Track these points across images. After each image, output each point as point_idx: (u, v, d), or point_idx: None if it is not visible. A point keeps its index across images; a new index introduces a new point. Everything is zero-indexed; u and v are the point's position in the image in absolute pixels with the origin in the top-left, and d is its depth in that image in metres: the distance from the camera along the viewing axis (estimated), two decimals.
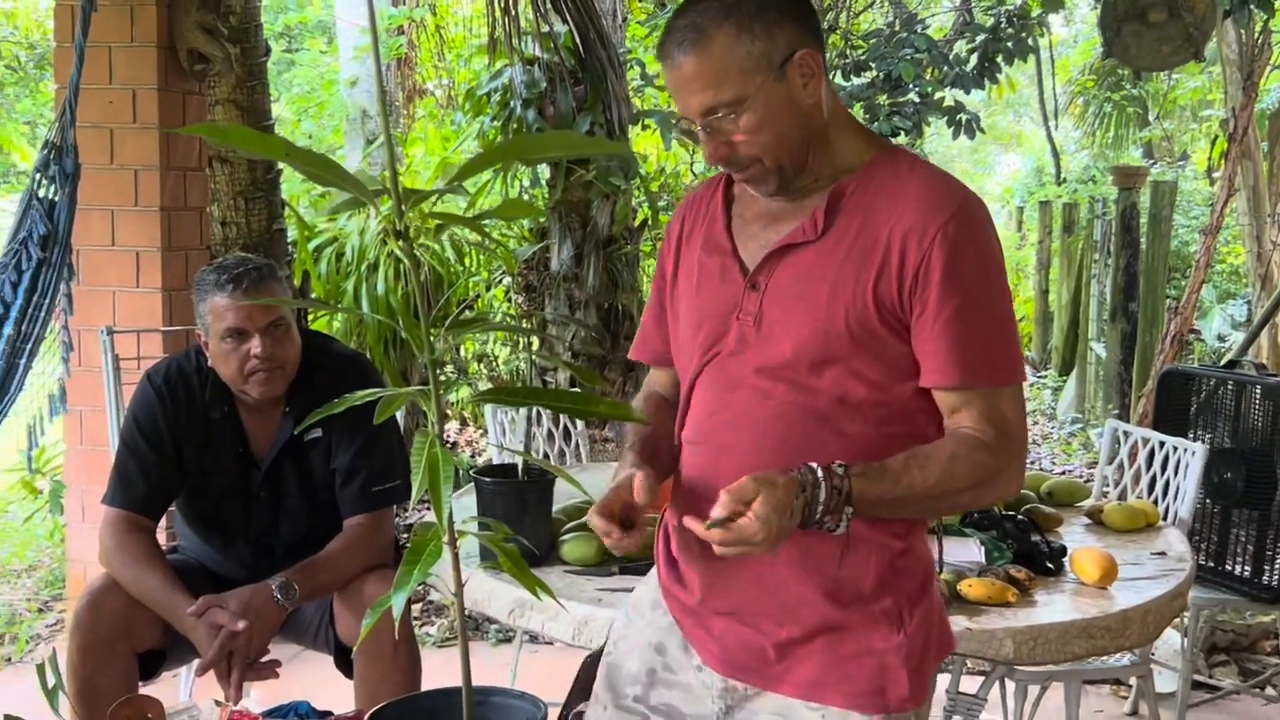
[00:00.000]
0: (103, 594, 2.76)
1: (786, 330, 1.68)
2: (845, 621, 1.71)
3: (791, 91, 1.66)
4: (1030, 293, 13.61)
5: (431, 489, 1.13)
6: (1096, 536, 3.00)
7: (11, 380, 3.57)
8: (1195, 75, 11.51)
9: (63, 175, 3.80)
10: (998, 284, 1.69)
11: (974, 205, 1.68)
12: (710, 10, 1.64)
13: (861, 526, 1.67)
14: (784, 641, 1.72)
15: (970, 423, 1.67)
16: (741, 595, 1.74)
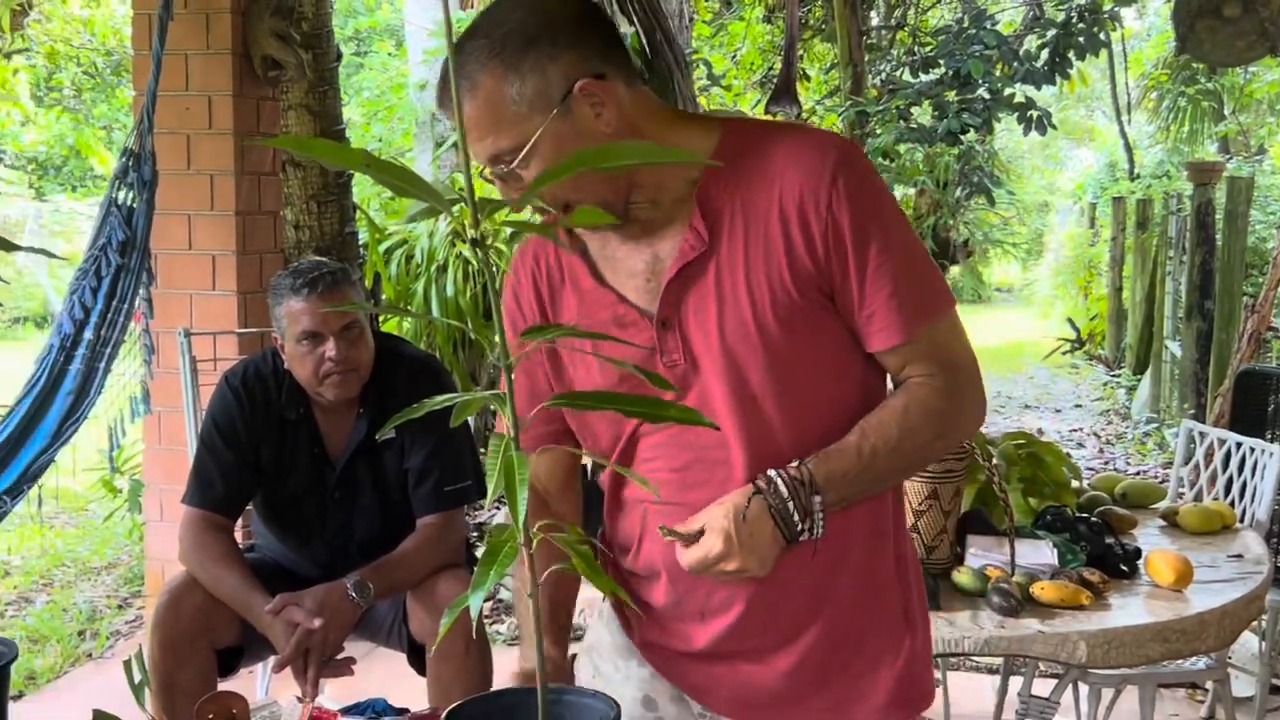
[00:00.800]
0: (182, 592, 2.82)
1: (718, 351, 1.55)
2: (857, 635, 1.65)
3: (581, 125, 1.50)
4: (1104, 290, 13.45)
5: (507, 492, 1.15)
6: (1171, 539, 2.96)
7: (92, 383, 3.66)
8: (1272, 68, 11.32)
9: (140, 182, 3.89)
10: (898, 218, 1.59)
11: (846, 148, 1.57)
12: (475, 51, 1.49)
13: (856, 533, 1.61)
14: (796, 668, 1.64)
15: (917, 371, 1.58)
16: (745, 632, 1.63)
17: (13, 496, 3.41)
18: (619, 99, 1.51)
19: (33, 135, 17.10)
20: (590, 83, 1.48)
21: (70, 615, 4.93)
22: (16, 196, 17.26)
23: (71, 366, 3.66)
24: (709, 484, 1.55)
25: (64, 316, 3.74)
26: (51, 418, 3.58)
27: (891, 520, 1.68)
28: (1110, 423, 10.08)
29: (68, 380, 3.65)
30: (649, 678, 1.71)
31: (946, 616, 2.38)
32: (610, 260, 1.63)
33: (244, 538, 3.54)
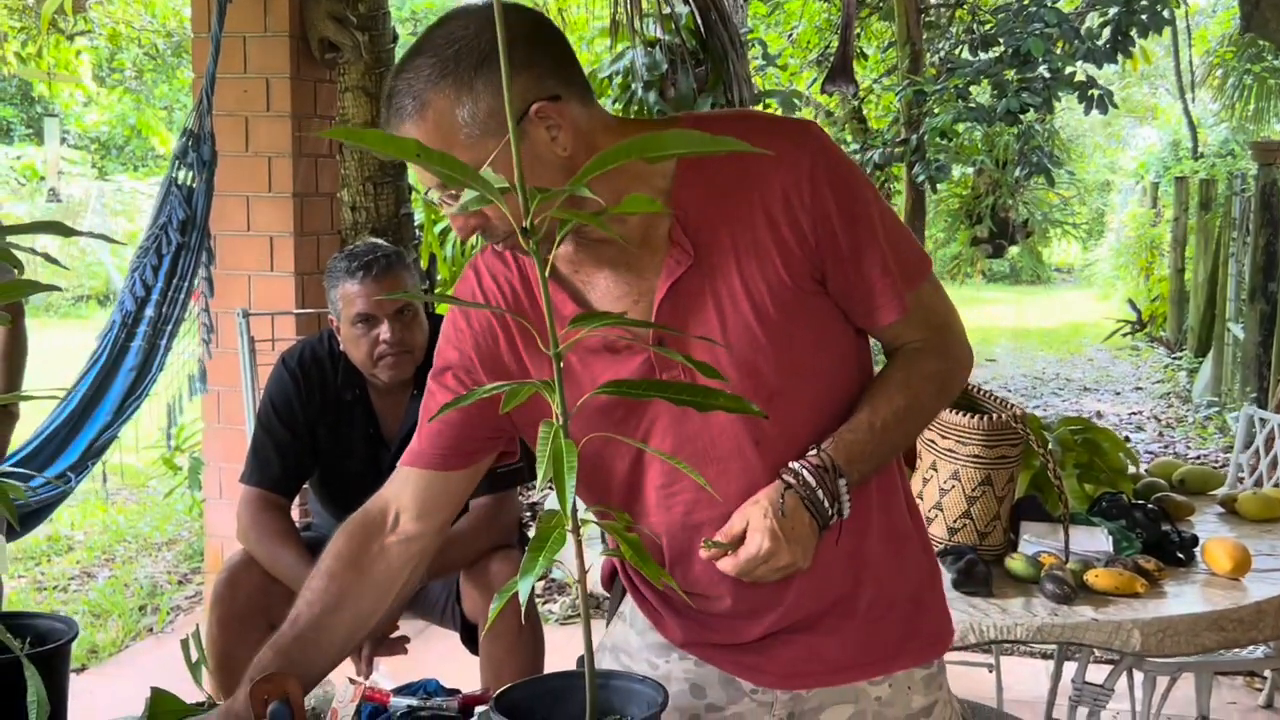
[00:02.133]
0: (240, 570, 2.86)
1: (727, 362, 1.51)
2: (896, 587, 1.68)
3: (537, 149, 1.44)
4: (1165, 271, 13.27)
5: (555, 480, 1.17)
6: (1230, 526, 2.92)
7: (153, 361, 3.72)
8: None
9: (200, 162, 3.94)
10: (872, 192, 1.60)
11: (812, 133, 1.55)
12: (425, 69, 1.42)
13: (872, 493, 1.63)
14: (848, 633, 1.65)
15: (910, 337, 1.63)
16: (795, 615, 1.63)
17: (76, 473, 3.47)
18: (574, 120, 1.46)
19: (95, 116, 17.37)
20: (546, 105, 1.42)
21: (131, 590, 5.03)
22: (80, 176, 17.53)
23: (133, 344, 3.72)
24: (739, 494, 1.54)
25: (125, 294, 3.80)
26: (114, 394, 3.64)
27: (896, 471, 1.70)
28: (1171, 406, 9.96)
29: (130, 357, 3.71)
30: (693, 667, 1.71)
31: (999, 603, 2.37)
32: (587, 285, 1.58)
33: (301, 516, 3.59)
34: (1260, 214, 7.68)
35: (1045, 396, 10.66)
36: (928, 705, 1.71)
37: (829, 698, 1.67)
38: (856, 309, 1.59)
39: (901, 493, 1.71)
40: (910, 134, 7.68)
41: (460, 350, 1.65)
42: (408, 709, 1.60)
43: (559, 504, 1.17)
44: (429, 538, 1.73)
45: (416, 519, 1.70)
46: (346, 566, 1.70)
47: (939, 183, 8.15)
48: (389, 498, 1.72)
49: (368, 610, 1.70)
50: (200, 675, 1.65)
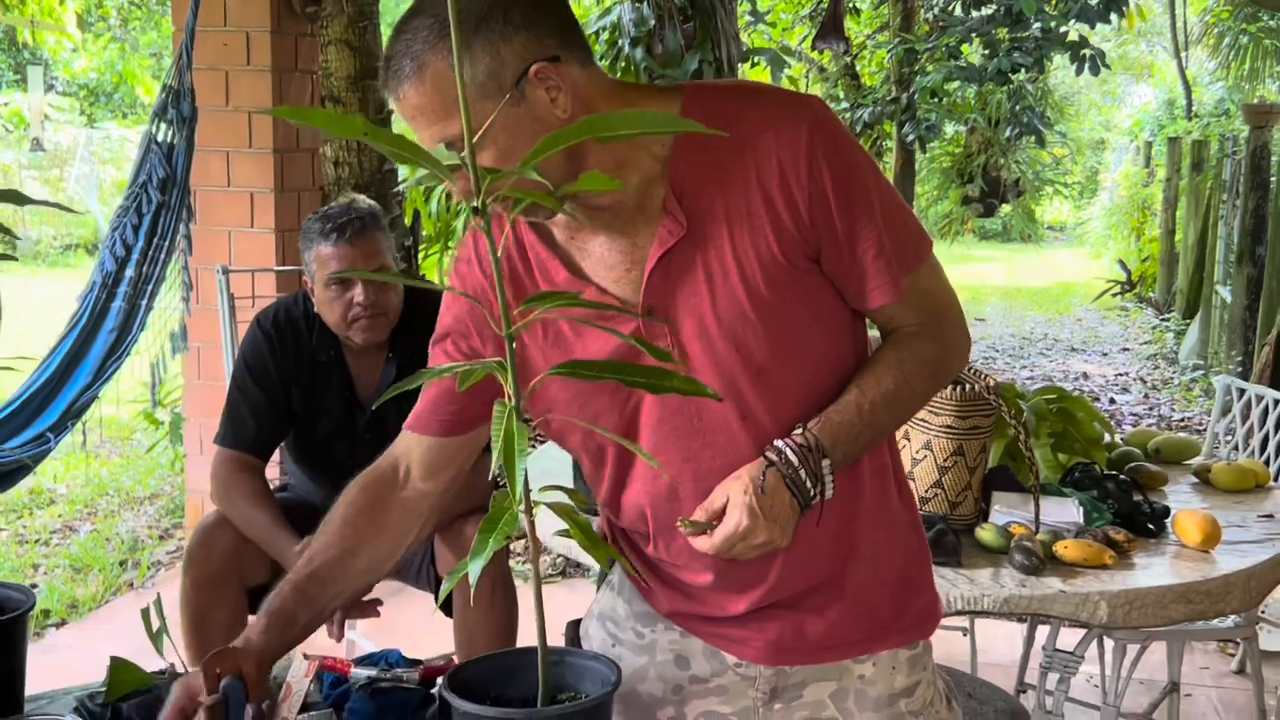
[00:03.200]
0: (214, 531, 2.86)
1: (716, 334, 1.52)
2: (885, 569, 1.68)
3: (537, 111, 1.43)
4: (1157, 231, 13.26)
5: (506, 463, 1.16)
6: (1203, 497, 2.93)
7: (134, 320, 3.71)
8: None
9: (180, 119, 3.91)
10: (873, 170, 1.56)
11: (815, 109, 1.52)
12: (423, 30, 1.41)
13: (864, 475, 1.62)
14: (834, 612, 1.65)
15: (906, 320, 1.60)
16: (782, 593, 1.63)
17: (56, 433, 3.47)
18: (574, 82, 1.45)
19: (83, 62, 17.22)
20: (546, 66, 1.42)
21: (113, 545, 5.03)
22: (67, 124, 17.40)
23: (114, 304, 3.70)
24: (723, 469, 1.53)
25: (105, 254, 3.78)
26: (94, 355, 3.63)
27: (888, 451, 1.69)
28: (1157, 368, 9.98)
29: (110, 318, 3.69)
30: (679, 638, 1.71)
31: (968, 573, 2.38)
32: (581, 251, 1.57)
33: (279, 474, 3.59)
34: (1250, 177, 7.67)
35: (1033, 357, 10.67)
36: (910, 685, 1.71)
37: (812, 674, 1.68)
38: (850, 290, 1.57)
39: (892, 474, 1.70)
40: (901, 93, 7.64)
41: (457, 317, 1.65)
42: (368, 679, 1.60)
43: (508, 486, 1.17)
44: (436, 496, 1.75)
45: (424, 478, 1.73)
46: (361, 514, 1.72)
47: (928, 143, 8.12)
48: (399, 454, 1.75)
49: (383, 557, 1.73)
50: (161, 644, 1.64)
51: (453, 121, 1.41)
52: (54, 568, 4.79)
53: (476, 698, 1.34)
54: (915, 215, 1.63)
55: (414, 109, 1.43)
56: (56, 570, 4.76)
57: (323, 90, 5.10)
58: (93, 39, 15.62)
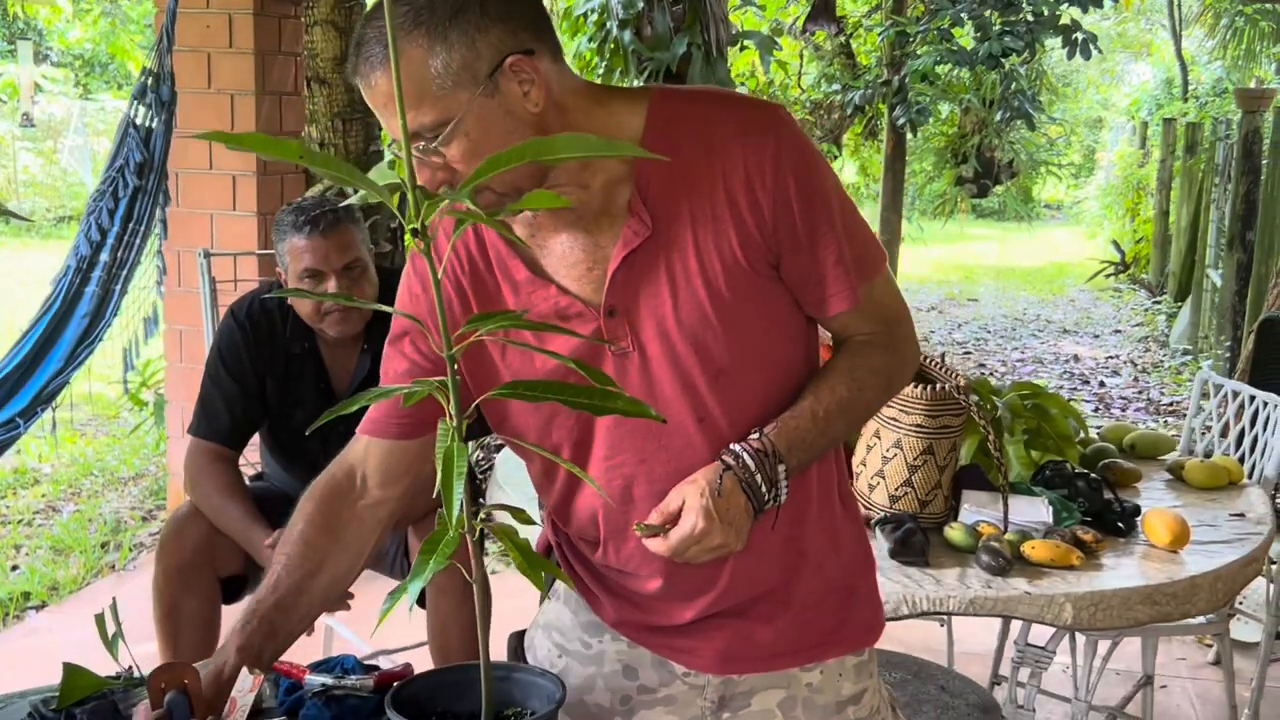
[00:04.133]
0: (187, 521, 2.87)
1: (676, 336, 1.51)
2: (831, 578, 1.68)
3: (509, 104, 1.42)
4: (1151, 212, 13.25)
5: (444, 486, 1.16)
6: (1176, 494, 2.93)
7: (108, 305, 3.69)
8: None
9: (159, 102, 3.89)
10: (833, 180, 1.57)
11: (780, 118, 1.52)
12: (397, 18, 1.37)
13: (811, 484, 1.63)
14: (781, 621, 1.65)
15: (860, 329, 1.63)
16: (729, 600, 1.62)
17: (26, 419, 3.46)
18: (547, 77, 1.44)
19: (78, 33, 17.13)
20: (521, 59, 1.40)
21: (95, 526, 5.03)
22: (61, 95, 17.33)
23: (88, 289, 3.69)
24: (679, 471, 1.53)
25: (80, 238, 3.76)
26: (66, 340, 3.62)
27: (834, 461, 1.70)
28: (1148, 350, 9.99)
29: (83, 303, 3.68)
30: (627, 649, 1.71)
31: (934, 574, 2.37)
32: (542, 249, 1.56)
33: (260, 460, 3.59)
34: (1242, 162, 7.65)
35: (1024, 338, 10.67)
36: (857, 693, 1.72)
37: (760, 683, 1.68)
38: (808, 297, 1.57)
39: (836, 483, 1.70)
40: (893, 75, 7.60)
41: (417, 315, 1.61)
42: (322, 686, 1.60)
43: (445, 509, 1.17)
44: (395, 502, 1.73)
45: (381, 485, 1.71)
46: (319, 532, 1.71)
47: (919, 126, 8.08)
48: (354, 462, 1.72)
49: (343, 572, 1.73)
50: (117, 650, 1.64)
51: (424, 111, 1.40)
52: (35, 549, 4.79)
53: (422, 714, 1.34)
54: (869, 228, 1.63)
55: (384, 97, 1.42)
56: (38, 551, 4.76)
57: (307, 72, 5.07)
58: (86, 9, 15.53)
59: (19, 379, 3.50)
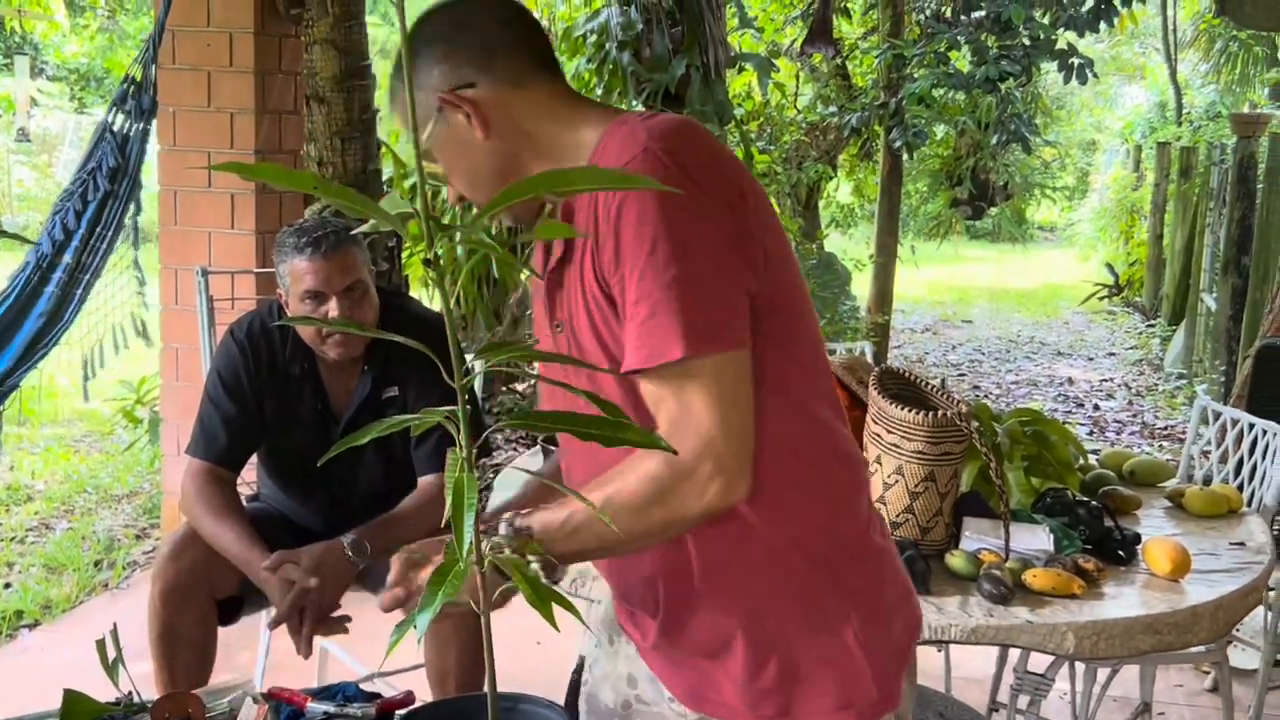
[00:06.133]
0: (184, 543, 2.85)
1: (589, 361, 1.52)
2: (785, 638, 1.57)
3: (458, 133, 1.55)
4: (1145, 236, 13.27)
5: (454, 516, 1.15)
6: (1176, 522, 2.93)
7: (67, 308, 3.61)
8: None
9: (138, 110, 3.86)
10: (685, 242, 1.41)
11: (654, 156, 1.42)
12: (398, 59, 1.58)
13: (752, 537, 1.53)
14: (740, 671, 1.57)
15: (653, 408, 1.45)
16: (676, 634, 1.59)
17: None
18: (491, 106, 1.55)
19: (74, 47, 17.14)
20: (450, 95, 1.54)
21: (89, 544, 5.00)
22: (57, 109, 17.32)
23: (46, 288, 3.60)
24: (588, 475, 1.52)
25: (44, 236, 3.68)
26: (20, 339, 3.51)
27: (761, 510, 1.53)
28: (1142, 374, 10.00)
29: (40, 301, 3.59)
30: (633, 655, 1.72)
31: (935, 602, 2.36)
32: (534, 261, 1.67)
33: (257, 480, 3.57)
34: (1236, 187, 7.67)
35: (1019, 360, 10.68)
36: None
37: None
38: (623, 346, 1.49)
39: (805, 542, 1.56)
40: (889, 98, 7.62)
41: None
42: (324, 715, 1.59)
43: (455, 539, 1.16)
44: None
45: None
46: None
47: (915, 149, 8.10)
48: None
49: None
50: (117, 675, 1.63)
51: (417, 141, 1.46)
52: (28, 566, 4.76)
53: None
54: (717, 310, 1.43)
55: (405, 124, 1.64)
56: (31, 569, 4.73)
57: (307, 90, 5.06)
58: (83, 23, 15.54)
59: None
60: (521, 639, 1.88)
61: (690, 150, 1.44)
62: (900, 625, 1.64)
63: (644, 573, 1.59)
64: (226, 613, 2.93)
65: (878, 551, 1.63)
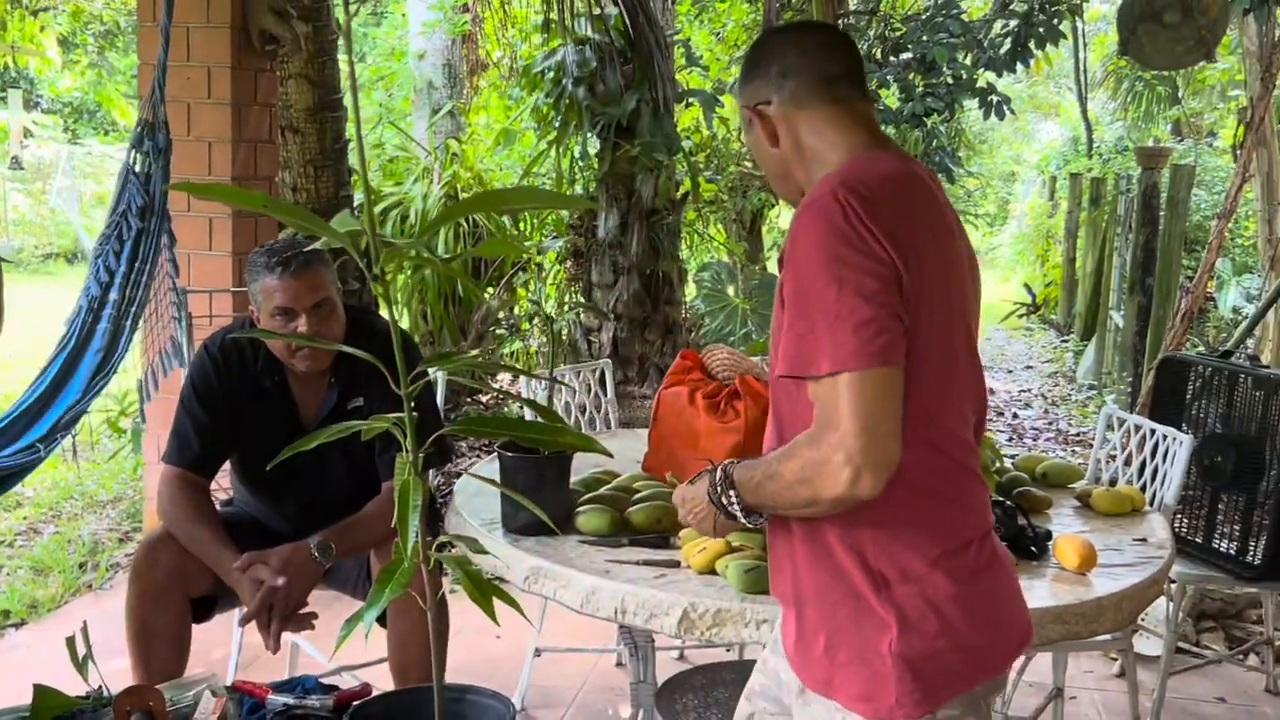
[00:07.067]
0: (159, 545, 2.80)
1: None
2: (822, 623, 1.69)
3: (758, 140, 1.82)
4: (1059, 259, 13.40)
5: (399, 516, 1.13)
6: (1084, 520, 2.94)
7: (120, 340, 3.65)
8: (1225, 57, 11.19)
9: (155, 149, 3.83)
10: (827, 272, 1.57)
11: (826, 197, 1.61)
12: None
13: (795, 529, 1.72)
14: (794, 631, 1.75)
15: (812, 416, 1.62)
16: (774, 583, 1.82)
17: (46, 444, 3.40)
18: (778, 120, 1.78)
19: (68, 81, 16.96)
20: (750, 109, 1.81)
21: (74, 547, 4.92)
22: (51, 139, 17.11)
23: (100, 326, 3.64)
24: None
25: (90, 280, 3.72)
26: (82, 373, 3.57)
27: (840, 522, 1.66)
28: (1057, 385, 10.08)
29: (96, 339, 3.63)
30: None
31: None
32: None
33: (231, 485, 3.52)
34: (1141, 213, 7.75)
35: None
36: None
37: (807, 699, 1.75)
38: None
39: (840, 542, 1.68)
40: None
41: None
42: (284, 706, 1.56)
43: (400, 539, 1.14)
44: None
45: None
46: None
47: None
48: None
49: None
50: (87, 671, 1.59)
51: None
52: (16, 569, 4.67)
53: None
54: (855, 335, 1.57)
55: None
56: (19, 571, 4.64)
57: (282, 121, 5.03)
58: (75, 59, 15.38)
59: (39, 410, 3.45)
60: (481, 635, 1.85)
61: (865, 198, 1.59)
62: (957, 652, 1.66)
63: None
64: (201, 611, 2.88)
65: (950, 580, 1.67)
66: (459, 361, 1.20)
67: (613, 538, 2.61)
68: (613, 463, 2.97)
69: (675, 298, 6.34)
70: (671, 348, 6.09)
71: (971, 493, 1.74)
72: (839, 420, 1.55)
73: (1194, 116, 14.39)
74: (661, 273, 6.19)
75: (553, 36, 6.00)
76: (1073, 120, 19.18)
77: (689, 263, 8.06)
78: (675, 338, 6.21)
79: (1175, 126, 14.51)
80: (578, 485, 2.82)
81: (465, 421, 1.25)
